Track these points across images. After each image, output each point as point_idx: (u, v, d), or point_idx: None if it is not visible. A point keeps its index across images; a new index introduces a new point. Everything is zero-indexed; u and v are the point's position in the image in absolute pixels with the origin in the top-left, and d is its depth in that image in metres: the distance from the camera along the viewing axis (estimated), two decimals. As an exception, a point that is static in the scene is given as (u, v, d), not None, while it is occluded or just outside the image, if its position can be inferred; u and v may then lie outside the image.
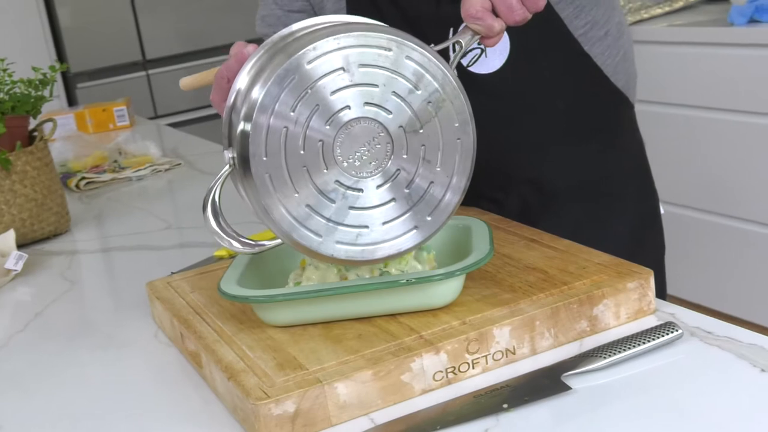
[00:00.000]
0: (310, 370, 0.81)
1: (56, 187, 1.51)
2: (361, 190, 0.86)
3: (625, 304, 0.89)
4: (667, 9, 2.88)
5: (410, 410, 0.80)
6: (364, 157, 0.85)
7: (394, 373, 0.81)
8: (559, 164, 1.20)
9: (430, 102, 0.85)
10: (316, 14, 1.27)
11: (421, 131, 0.86)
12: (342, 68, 0.82)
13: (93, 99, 3.32)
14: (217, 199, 0.89)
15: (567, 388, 0.79)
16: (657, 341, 0.83)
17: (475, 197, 1.20)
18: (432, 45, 0.87)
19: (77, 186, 1.83)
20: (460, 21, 0.90)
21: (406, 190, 0.87)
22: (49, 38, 3.63)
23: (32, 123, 1.55)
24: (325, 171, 0.84)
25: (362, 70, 0.83)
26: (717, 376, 0.79)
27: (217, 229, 0.89)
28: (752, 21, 2.47)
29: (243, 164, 0.84)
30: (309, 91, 0.82)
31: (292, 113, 0.83)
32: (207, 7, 3.87)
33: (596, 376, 0.81)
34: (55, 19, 3.64)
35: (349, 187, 0.85)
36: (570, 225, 1.06)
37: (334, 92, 0.83)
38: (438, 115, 0.86)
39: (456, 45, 0.90)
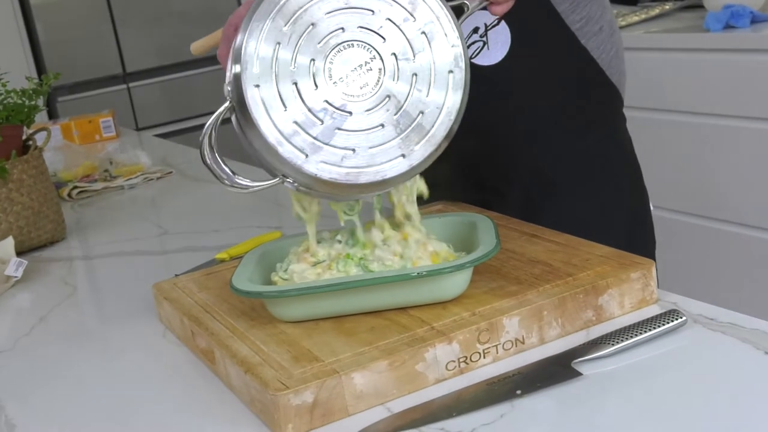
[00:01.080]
0: (326, 362, 0.83)
1: (52, 195, 1.52)
2: (350, 112, 0.86)
3: (629, 293, 0.92)
4: (643, 16, 2.92)
5: (425, 399, 0.81)
6: (354, 80, 0.86)
7: (409, 363, 0.82)
8: (560, 155, 1.24)
9: (424, 32, 0.86)
10: None
11: (413, 60, 0.86)
12: None
13: (74, 112, 3.32)
14: (214, 134, 0.88)
15: (578, 374, 0.81)
16: (663, 328, 0.85)
17: (479, 189, 1.23)
18: None
19: (69, 195, 1.83)
20: (460, 10, 0.92)
21: (395, 117, 0.87)
22: (28, 52, 3.62)
23: (25, 133, 1.55)
24: (315, 89, 0.85)
25: None
26: (721, 360, 0.82)
27: (212, 164, 0.89)
28: (728, 27, 2.52)
29: (236, 81, 0.84)
30: (304, 9, 0.83)
31: (285, 29, 0.84)
32: (186, 21, 3.88)
33: (605, 362, 0.83)
34: (33, 33, 3.64)
35: (337, 108, 0.86)
36: (570, 218, 1.09)
37: (328, 13, 0.84)
38: (431, 45, 0.87)
39: (463, 6, 0.92)
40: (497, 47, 1.17)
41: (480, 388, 0.82)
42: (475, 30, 1.17)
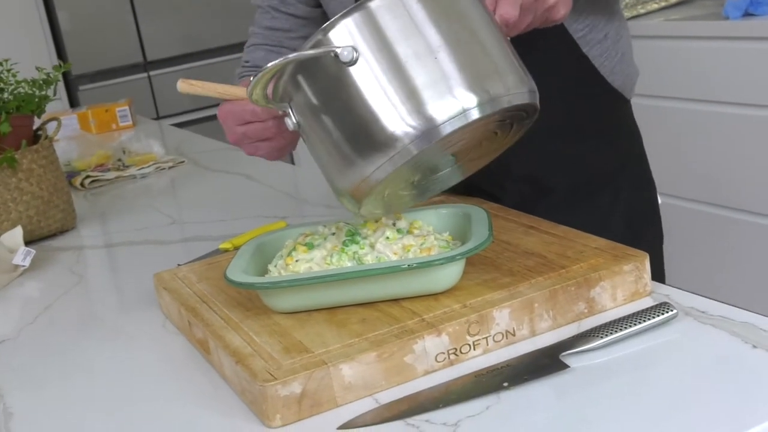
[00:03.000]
0: (315, 353, 0.83)
1: (62, 184, 1.53)
2: None
3: (622, 286, 0.92)
4: (663, 4, 2.89)
5: (413, 390, 0.82)
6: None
7: (398, 355, 0.83)
8: (556, 162, 1.22)
9: None
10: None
11: None
12: None
13: (95, 101, 3.33)
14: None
15: (565, 366, 0.81)
16: (652, 321, 0.85)
17: (473, 192, 1.22)
18: None
19: (82, 184, 1.85)
20: None
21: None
22: (50, 41, 3.64)
23: (37, 123, 1.57)
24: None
25: None
26: (711, 353, 0.82)
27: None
28: (747, 14, 2.49)
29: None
30: None
31: None
32: (207, 9, 3.89)
33: (594, 355, 0.83)
34: (55, 22, 3.66)
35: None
36: (567, 218, 1.09)
37: None
38: None
39: None
40: None
41: (468, 380, 0.82)
42: None
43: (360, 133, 0.84)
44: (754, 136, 2.49)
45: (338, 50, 0.83)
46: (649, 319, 0.85)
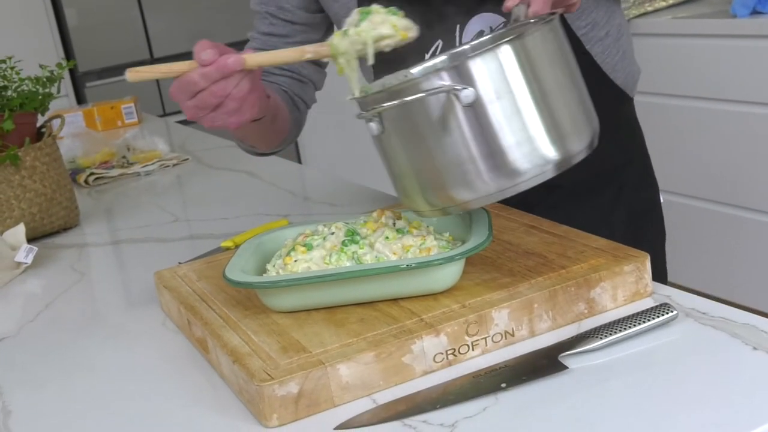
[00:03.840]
0: (313, 352, 0.83)
1: (65, 182, 1.53)
2: None
3: (622, 286, 0.91)
4: (670, 1, 2.88)
5: (411, 391, 0.82)
6: None
7: (396, 355, 0.83)
8: None
9: None
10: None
11: None
12: None
13: (101, 98, 3.33)
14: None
15: (564, 367, 0.81)
16: (652, 322, 0.84)
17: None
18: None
19: (86, 181, 1.85)
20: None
21: None
22: (57, 38, 3.65)
23: (41, 120, 1.57)
24: None
25: None
26: (711, 355, 0.81)
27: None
28: (755, 12, 2.48)
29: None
30: None
31: None
32: (213, 5, 3.89)
33: (593, 356, 0.82)
34: (62, 19, 3.66)
35: None
36: (569, 216, 1.08)
37: None
38: None
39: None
40: None
41: (466, 380, 0.82)
42: (480, 33, 1.16)
43: (459, 167, 0.88)
44: (761, 134, 2.48)
45: (461, 93, 0.86)
46: (649, 320, 0.84)
